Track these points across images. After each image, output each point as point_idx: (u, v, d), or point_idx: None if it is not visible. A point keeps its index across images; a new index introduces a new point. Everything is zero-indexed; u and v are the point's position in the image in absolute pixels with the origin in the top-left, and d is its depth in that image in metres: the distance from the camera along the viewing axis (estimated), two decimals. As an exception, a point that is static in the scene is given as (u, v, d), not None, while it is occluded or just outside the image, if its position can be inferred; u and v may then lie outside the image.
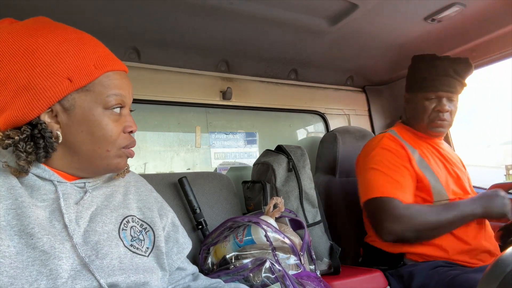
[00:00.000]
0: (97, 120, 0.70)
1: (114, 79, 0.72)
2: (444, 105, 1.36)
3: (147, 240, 0.79)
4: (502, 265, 0.58)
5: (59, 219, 0.67)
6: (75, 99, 0.68)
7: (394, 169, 1.29)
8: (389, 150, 1.34)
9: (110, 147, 0.71)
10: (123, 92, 0.73)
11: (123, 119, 0.74)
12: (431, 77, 1.38)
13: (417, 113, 1.43)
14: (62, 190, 0.70)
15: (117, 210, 0.77)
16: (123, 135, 0.73)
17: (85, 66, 0.69)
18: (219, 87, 1.79)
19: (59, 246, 0.63)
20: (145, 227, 0.80)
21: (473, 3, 1.34)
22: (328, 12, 1.35)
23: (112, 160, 0.72)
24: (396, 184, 1.26)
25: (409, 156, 1.34)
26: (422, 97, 1.40)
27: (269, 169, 1.37)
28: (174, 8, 1.21)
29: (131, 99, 0.77)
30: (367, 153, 1.40)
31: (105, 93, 0.70)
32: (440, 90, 1.36)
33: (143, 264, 0.74)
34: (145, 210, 0.83)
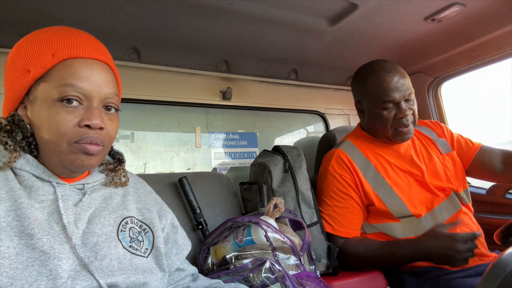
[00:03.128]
0: (48, 112, 0.66)
1: (72, 68, 0.67)
2: (405, 110, 1.26)
3: (146, 241, 0.78)
4: (502, 265, 0.58)
5: (57, 221, 0.66)
6: (36, 91, 0.68)
7: (341, 201, 1.32)
8: (335, 177, 1.33)
9: (60, 141, 0.66)
10: (81, 83, 0.66)
11: (82, 112, 0.67)
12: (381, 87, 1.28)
13: (377, 124, 1.34)
14: (61, 191, 0.70)
15: (116, 211, 0.76)
16: (76, 128, 0.66)
17: (43, 55, 0.67)
18: (219, 87, 1.79)
19: (58, 246, 0.63)
20: (144, 228, 0.79)
21: (473, 3, 1.34)
22: (328, 12, 1.35)
23: (65, 156, 0.67)
24: (340, 220, 1.31)
25: (358, 179, 1.31)
26: (379, 108, 1.30)
27: (265, 170, 1.37)
28: (174, 8, 1.21)
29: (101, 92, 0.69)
30: (321, 176, 1.41)
31: (59, 82, 0.66)
32: (395, 95, 1.26)
33: (143, 264, 0.74)
34: (144, 211, 0.82)
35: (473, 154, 1.42)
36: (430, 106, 1.98)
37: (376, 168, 1.33)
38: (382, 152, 1.37)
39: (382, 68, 1.30)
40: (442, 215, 1.27)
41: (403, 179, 1.32)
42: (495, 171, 1.38)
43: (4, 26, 1.21)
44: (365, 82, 1.34)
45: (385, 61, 1.34)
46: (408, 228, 1.26)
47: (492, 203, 1.70)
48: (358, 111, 1.44)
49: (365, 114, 1.40)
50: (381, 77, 1.28)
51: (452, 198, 1.30)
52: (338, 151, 1.38)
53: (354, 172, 1.32)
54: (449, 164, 1.38)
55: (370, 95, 1.33)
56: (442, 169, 1.35)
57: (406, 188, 1.29)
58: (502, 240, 1.28)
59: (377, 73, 1.30)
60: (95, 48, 0.72)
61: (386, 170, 1.33)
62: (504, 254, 0.60)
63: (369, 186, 1.30)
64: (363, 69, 1.38)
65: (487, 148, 1.43)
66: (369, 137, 1.40)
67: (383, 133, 1.35)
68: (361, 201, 1.31)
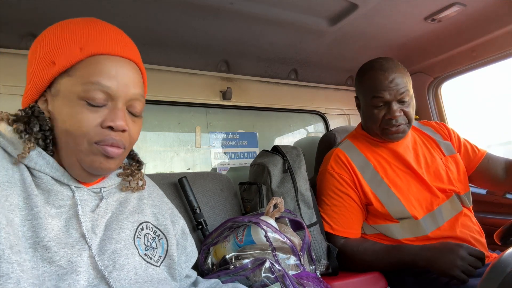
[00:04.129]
0: (70, 109, 0.62)
1: (101, 65, 0.64)
2: (395, 111, 1.24)
3: (159, 248, 0.75)
4: (502, 266, 0.58)
5: (76, 228, 0.64)
6: (60, 85, 0.64)
7: (339, 200, 1.32)
8: (334, 176, 1.34)
9: (80, 140, 0.62)
10: (108, 82, 0.63)
11: (106, 112, 0.64)
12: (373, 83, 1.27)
13: (368, 121, 1.34)
14: (79, 196, 0.67)
15: (133, 215, 0.73)
16: (98, 129, 0.63)
17: (70, 47, 0.63)
18: (219, 87, 1.79)
19: (76, 259, 0.60)
20: (158, 234, 0.77)
21: (473, 3, 1.34)
22: (328, 12, 1.35)
23: (84, 156, 0.64)
24: (339, 219, 1.31)
25: (356, 177, 1.31)
26: (371, 105, 1.30)
27: (264, 170, 1.37)
28: (174, 8, 1.21)
29: (127, 93, 0.66)
30: (321, 175, 1.42)
31: (84, 79, 0.62)
32: (386, 94, 1.25)
33: (157, 274, 0.71)
34: (159, 217, 0.80)
35: (478, 161, 1.42)
36: (430, 106, 1.98)
37: (375, 167, 1.32)
38: (382, 152, 1.37)
39: (381, 66, 1.29)
40: (442, 217, 1.26)
41: (403, 180, 1.31)
42: (498, 179, 1.39)
43: (4, 26, 1.21)
44: (363, 78, 1.34)
45: (388, 59, 1.33)
46: (407, 229, 1.25)
47: (492, 203, 1.69)
48: (357, 106, 1.45)
49: (361, 109, 1.41)
50: (376, 75, 1.28)
51: (453, 200, 1.30)
52: (337, 151, 1.39)
53: (352, 171, 1.32)
54: (452, 166, 1.37)
55: (364, 91, 1.33)
56: (445, 171, 1.35)
57: (405, 189, 1.29)
58: (502, 240, 1.28)
59: (374, 70, 1.30)
60: (125, 45, 0.69)
61: (385, 170, 1.32)
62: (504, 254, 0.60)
63: (367, 185, 1.30)
64: (365, 65, 1.38)
65: (491, 156, 1.43)
66: (369, 136, 1.40)
67: (373, 131, 1.35)
68: (360, 201, 1.31)
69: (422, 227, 1.24)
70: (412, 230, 1.25)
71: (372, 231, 1.32)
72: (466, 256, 1.03)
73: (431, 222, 1.25)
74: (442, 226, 1.25)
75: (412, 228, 1.25)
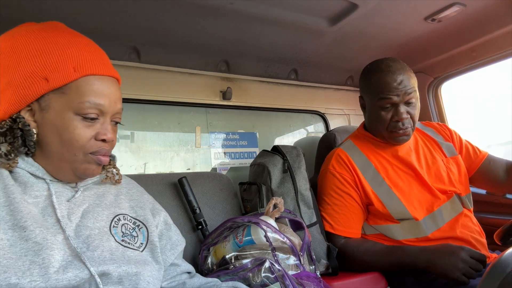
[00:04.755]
0: (66, 124, 0.69)
1: (93, 85, 0.71)
2: (402, 113, 1.24)
3: (140, 236, 0.80)
4: (502, 266, 0.58)
5: (51, 214, 0.69)
6: (50, 100, 0.69)
7: (340, 199, 1.32)
8: (335, 176, 1.34)
9: (77, 152, 0.70)
10: (101, 101, 0.71)
11: (98, 126, 0.72)
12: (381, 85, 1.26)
13: (375, 123, 1.34)
14: (54, 188, 0.72)
15: (109, 208, 0.78)
16: (94, 141, 0.72)
17: (64, 67, 0.69)
18: (219, 87, 1.79)
19: (51, 238, 0.65)
20: (138, 224, 0.81)
21: (473, 3, 1.34)
22: (328, 12, 1.35)
23: (79, 164, 0.72)
24: (339, 219, 1.31)
25: (357, 177, 1.31)
26: (378, 106, 1.28)
27: (264, 171, 1.37)
28: (174, 8, 1.21)
29: (115, 108, 0.75)
30: (322, 175, 1.42)
31: (79, 99, 0.69)
32: (394, 96, 1.24)
33: (135, 256, 0.75)
34: (137, 209, 0.85)
35: (480, 163, 1.42)
36: (430, 106, 1.98)
37: (376, 168, 1.33)
38: (384, 153, 1.37)
39: (389, 67, 1.27)
40: (442, 218, 1.26)
41: (404, 180, 1.31)
42: (499, 181, 1.39)
43: (4, 26, 1.21)
44: (370, 78, 1.33)
45: (394, 60, 1.32)
46: (408, 230, 1.25)
47: (492, 203, 1.69)
48: (361, 106, 1.44)
49: (366, 110, 1.40)
50: (383, 76, 1.27)
51: (453, 201, 1.30)
52: (338, 151, 1.39)
53: (354, 171, 1.32)
54: (453, 167, 1.37)
55: (372, 92, 1.32)
56: (446, 172, 1.35)
57: (407, 190, 1.29)
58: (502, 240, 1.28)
59: (382, 72, 1.28)
60: (108, 63, 0.76)
61: (386, 170, 1.33)
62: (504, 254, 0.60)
63: (368, 185, 1.30)
64: (371, 65, 1.36)
65: (493, 157, 1.44)
66: (371, 137, 1.40)
67: (379, 133, 1.35)
68: (361, 200, 1.31)
69: (422, 228, 1.23)
70: (412, 231, 1.24)
71: (372, 232, 1.32)
72: (467, 258, 1.02)
73: (431, 223, 1.25)
74: (442, 227, 1.24)
75: (412, 229, 1.25)
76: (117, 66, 1.49)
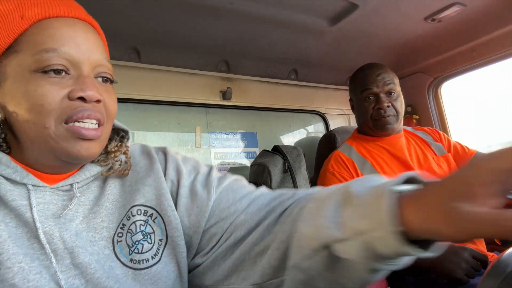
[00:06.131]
0: (25, 86, 0.50)
1: (51, 29, 0.52)
2: (383, 102, 1.38)
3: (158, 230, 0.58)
4: (502, 266, 0.58)
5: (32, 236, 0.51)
6: (6, 67, 0.52)
7: None
8: (335, 175, 1.39)
9: (47, 120, 0.50)
10: (65, 47, 0.51)
11: (70, 82, 0.52)
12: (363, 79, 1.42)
13: (361, 116, 1.47)
14: (37, 198, 0.53)
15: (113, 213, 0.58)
16: (66, 102, 0.51)
17: (7, 18, 0.52)
18: (219, 87, 1.79)
19: (34, 277, 0.48)
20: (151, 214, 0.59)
21: (473, 3, 1.34)
22: (328, 12, 1.35)
23: (55, 143, 0.51)
24: None
25: (356, 175, 1.37)
26: (362, 99, 1.43)
27: (265, 170, 1.37)
28: (174, 8, 1.21)
29: (93, 58, 0.54)
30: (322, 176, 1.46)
31: (35, 49, 0.51)
32: (374, 87, 1.39)
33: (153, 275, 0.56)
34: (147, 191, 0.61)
35: (469, 158, 1.46)
36: (430, 106, 1.98)
37: (372, 164, 1.39)
38: (378, 151, 1.44)
39: (369, 66, 1.45)
40: None
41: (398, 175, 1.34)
42: None
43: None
44: (355, 78, 1.49)
45: (376, 63, 1.47)
46: None
47: (492, 203, 1.69)
48: (351, 108, 1.55)
49: (355, 109, 1.51)
50: (364, 72, 1.43)
51: None
52: (337, 152, 1.45)
53: (353, 169, 1.38)
54: (444, 165, 1.43)
55: (356, 88, 1.46)
56: (437, 169, 1.40)
57: None
58: (502, 240, 1.28)
59: (363, 70, 1.45)
60: (75, 5, 0.58)
61: (381, 166, 1.39)
62: (504, 254, 0.60)
63: None
64: (356, 70, 1.51)
65: (482, 153, 1.46)
66: (364, 137, 1.49)
67: (366, 125, 1.45)
68: None
69: None
70: None
71: None
72: (470, 259, 1.04)
73: None
74: None
75: None
76: (117, 66, 1.49)
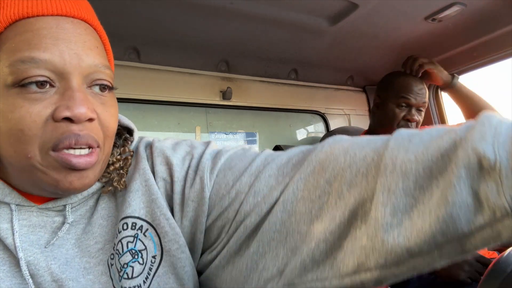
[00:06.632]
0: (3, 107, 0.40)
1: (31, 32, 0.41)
2: (414, 115, 1.41)
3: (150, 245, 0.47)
4: (503, 266, 0.58)
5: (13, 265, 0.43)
6: None
7: None
8: None
9: (30, 149, 0.40)
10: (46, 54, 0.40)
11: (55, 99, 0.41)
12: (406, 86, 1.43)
13: (385, 119, 1.46)
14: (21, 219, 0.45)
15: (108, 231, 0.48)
16: (51, 125, 0.41)
17: None
18: (219, 87, 1.79)
19: None
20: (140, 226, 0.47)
21: (474, 3, 1.34)
22: (328, 12, 1.35)
23: (42, 174, 0.42)
24: None
25: None
26: (395, 103, 1.43)
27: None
28: (174, 8, 1.21)
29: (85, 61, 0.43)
30: None
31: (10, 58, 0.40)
32: (412, 99, 1.41)
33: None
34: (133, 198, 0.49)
35: None
36: (431, 106, 1.98)
37: None
38: None
39: (414, 77, 1.48)
40: None
41: None
42: None
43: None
44: (396, 78, 1.49)
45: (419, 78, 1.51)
46: None
47: (493, 203, 1.69)
48: (374, 105, 1.55)
49: (379, 108, 1.50)
50: (410, 80, 1.45)
51: None
52: None
53: None
54: None
55: (393, 90, 1.46)
56: None
57: None
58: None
59: (408, 77, 1.47)
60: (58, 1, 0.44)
61: None
62: (504, 254, 0.60)
63: None
64: (396, 71, 1.54)
65: None
66: None
67: (387, 130, 1.42)
68: None
69: None
70: None
71: None
72: (473, 262, 1.06)
73: None
74: None
75: None
76: (117, 66, 1.49)
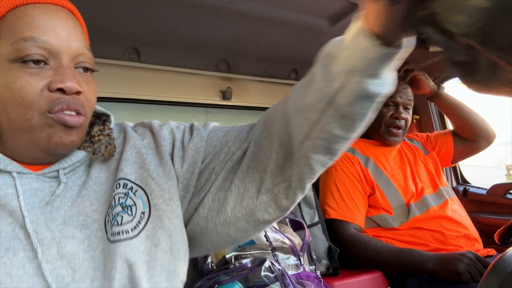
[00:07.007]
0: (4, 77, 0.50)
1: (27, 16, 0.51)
2: (401, 113, 1.45)
3: (139, 202, 0.56)
4: (503, 265, 0.58)
5: (21, 225, 0.49)
6: None
7: (345, 190, 1.38)
8: (342, 169, 1.42)
9: (28, 112, 0.50)
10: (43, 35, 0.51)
11: (50, 73, 0.52)
12: None
13: (375, 119, 1.47)
14: (23, 184, 0.53)
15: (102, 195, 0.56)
16: (46, 93, 0.51)
17: None
18: (219, 87, 1.79)
19: (17, 272, 0.46)
20: (131, 187, 0.57)
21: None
22: (328, 12, 1.35)
23: (39, 132, 0.51)
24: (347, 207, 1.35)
25: (361, 169, 1.42)
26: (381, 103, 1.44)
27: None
28: (174, 8, 1.21)
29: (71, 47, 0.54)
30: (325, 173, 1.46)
31: (12, 38, 0.50)
32: (398, 97, 1.44)
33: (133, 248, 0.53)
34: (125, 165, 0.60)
35: (451, 138, 1.61)
36: (431, 106, 1.98)
37: (375, 162, 1.44)
38: (378, 152, 1.49)
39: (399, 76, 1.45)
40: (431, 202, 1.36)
41: (399, 173, 1.44)
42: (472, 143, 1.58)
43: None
44: None
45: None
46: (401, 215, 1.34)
47: (492, 203, 1.69)
48: None
49: None
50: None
51: (439, 192, 1.42)
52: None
53: (358, 164, 1.43)
54: (431, 164, 1.53)
55: None
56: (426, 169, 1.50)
57: (401, 181, 1.42)
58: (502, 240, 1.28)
59: None
60: None
61: (383, 164, 1.45)
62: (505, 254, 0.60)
63: (370, 176, 1.40)
64: None
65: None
66: (366, 140, 1.53)
67: (376, 130, 1.48)
68: (364, 191, 1.38)
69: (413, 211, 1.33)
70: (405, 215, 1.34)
71: (370, 225, 1.37)
72: (473, 259, 1.07)
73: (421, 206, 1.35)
74: (432, 207, 1.34)
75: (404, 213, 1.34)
76: (117, 66, 1.49)
